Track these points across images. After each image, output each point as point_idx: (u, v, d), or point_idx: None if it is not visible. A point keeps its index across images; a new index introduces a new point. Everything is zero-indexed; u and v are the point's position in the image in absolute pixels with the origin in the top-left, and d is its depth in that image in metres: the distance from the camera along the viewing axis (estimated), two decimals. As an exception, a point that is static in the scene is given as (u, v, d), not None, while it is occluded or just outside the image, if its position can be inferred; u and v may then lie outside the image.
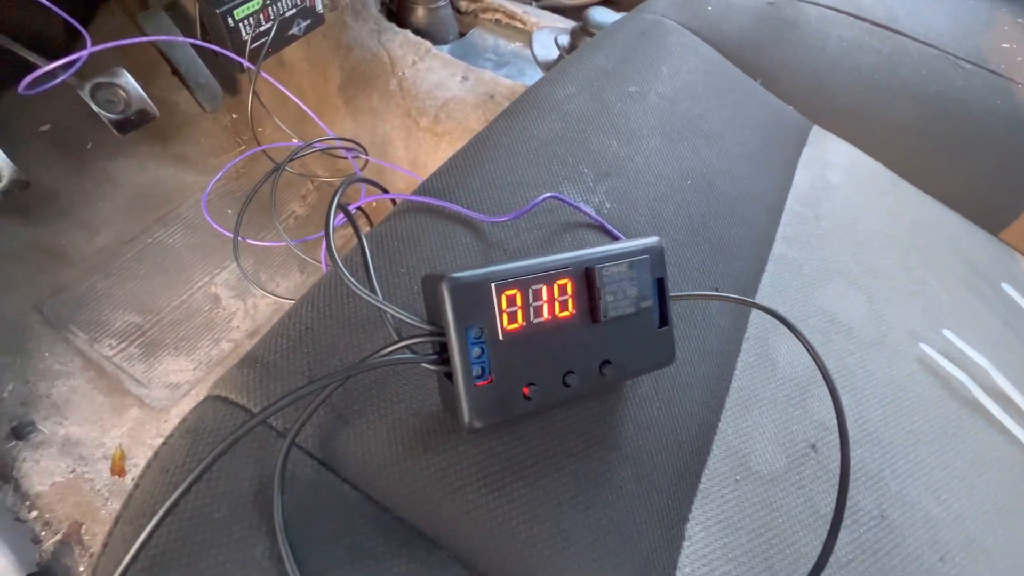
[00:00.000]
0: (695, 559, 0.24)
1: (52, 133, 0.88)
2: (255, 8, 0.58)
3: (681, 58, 0.45)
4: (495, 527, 0.22)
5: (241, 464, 0.20)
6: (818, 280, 0.37)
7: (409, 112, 0.91)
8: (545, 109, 0.37)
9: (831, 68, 0.50)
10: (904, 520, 0.28)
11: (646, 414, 0.26)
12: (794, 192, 0.42)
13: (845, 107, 0.48)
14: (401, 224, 0.29)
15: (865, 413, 0.31)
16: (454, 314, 0.19)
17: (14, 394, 0.73)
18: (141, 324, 0.83)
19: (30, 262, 0.80)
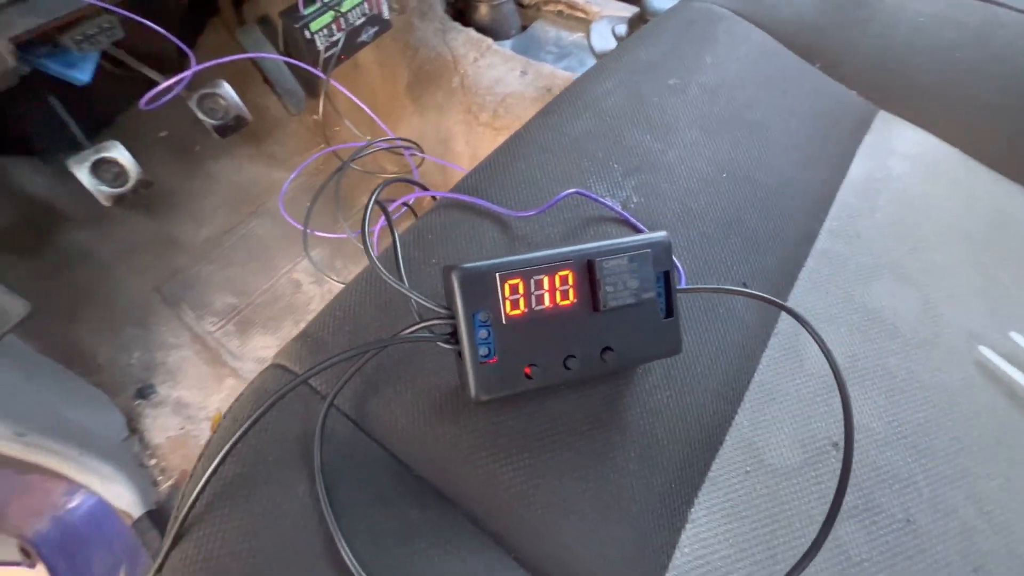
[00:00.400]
0: (695, 541, 0.25)
1: (169, 139, 1.02)
2: (328, 21, 0.64)
3: (729, 47, 0.44)
4: (501, 491, 0.24)
5: (292, 419, 0.24)
6: (864, 276, 0.35)
7: (470, 108, 0.95)
8: (580, 106, 0.39)
9: (904, 47, 0.46)
10: (934, 527, 0.27)
11: (655, 400, 0.28)
12: (848, 183, 0.40)
13: (918, 89, 0.45)
14: (437, 219, 0.32)
15: (902, 416, 0.30)
16: (463, 300, 0.22)
17: (140, 361, 0.87)
18: (236, 305, 0.94)
19: (152, 250, 0.94)
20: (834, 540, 0.26)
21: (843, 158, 0.41)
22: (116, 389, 0.84)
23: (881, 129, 0.44)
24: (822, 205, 0.38)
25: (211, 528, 0.21)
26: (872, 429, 0.29)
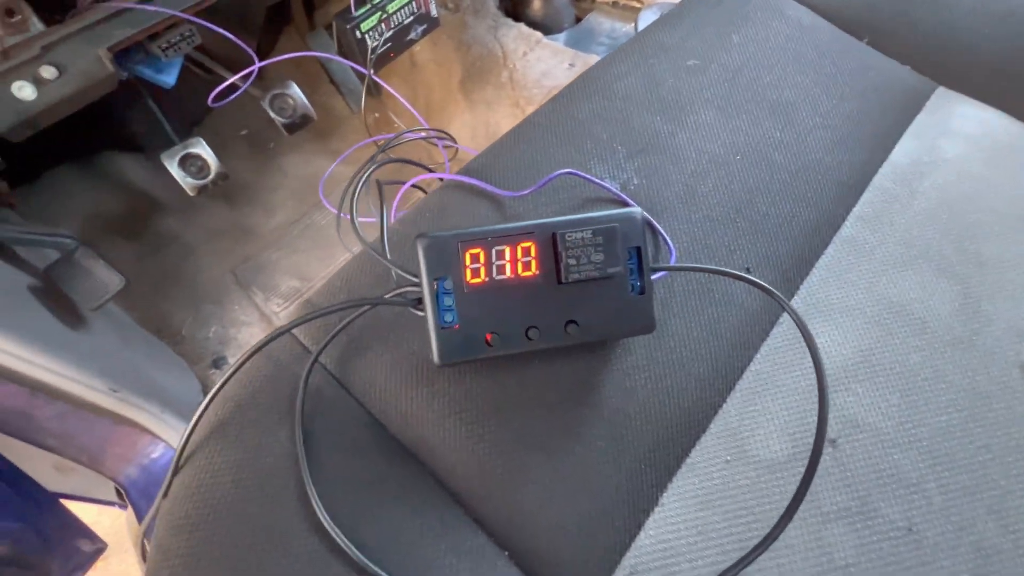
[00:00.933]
0: (662, 525, 0.25)
1: (248, 137, 1.13)
2: (376, 20, 0.68)
3: (760, 25, 0.42)
4: (466, 455, 0.25)
5: (282, 371, 0.27)
6: (892, 266, 0.32)
7: (517, 102, 0.96)
8: (592, 90, 0.39)
9: (969, 16, 0.41)
10: (943, 540, 0.24)
11: (632, 380, 0.27)
12: (888, 166, 0.36)
13: (984, 63, 0.40)
14: (436, 199, 0.34)
15: (919, 417, 0.27)
16: (426, 266, 0.23)
17: (215, 335, 0.97)
18: (299, 288, 1.03)
19: (229, 236, 1.05)
20: (817, 540, 0.24)
21: (886, 139, 0.38)
22: (194, 358, 0.94)
23: (938, 107, 0.39)
24: (852, 190, 0.35)
25: (205, 460, 0.24)
26: (879, 429, 0.27)
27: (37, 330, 0.61)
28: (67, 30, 0.54)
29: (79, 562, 0.77)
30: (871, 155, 0.37)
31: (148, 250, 1.01)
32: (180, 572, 0.21)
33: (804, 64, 0.39)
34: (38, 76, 0.54)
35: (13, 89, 0.53)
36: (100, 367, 0.66)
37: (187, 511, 0.23)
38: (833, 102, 0.38)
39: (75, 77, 0.56)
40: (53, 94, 0.55)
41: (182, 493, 0.23)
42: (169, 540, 0.22)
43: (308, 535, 0.22)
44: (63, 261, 0.68)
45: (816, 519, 0.25)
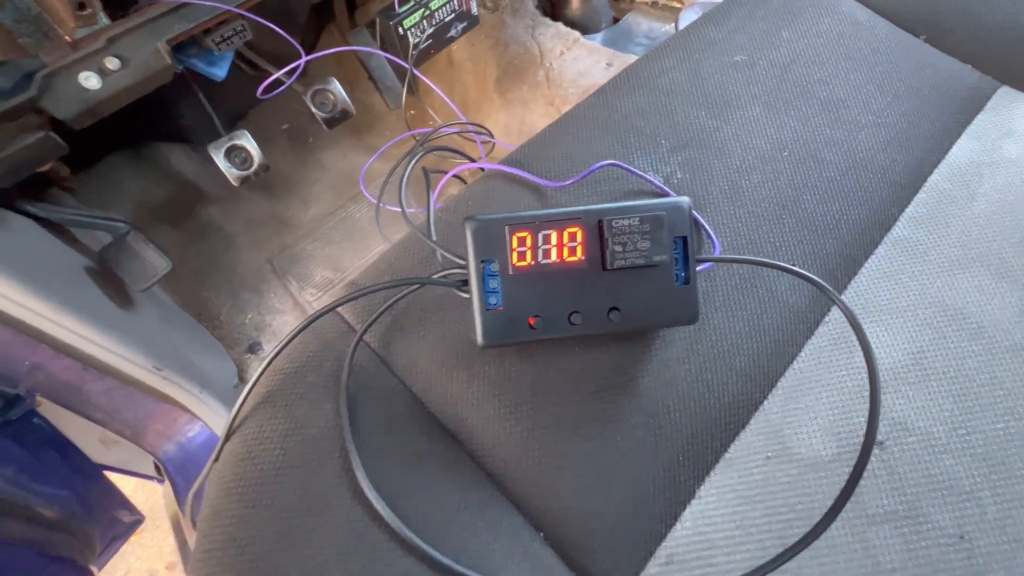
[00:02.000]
0: (700, 517, 0.25)
1: (289, 131, 1.17)
2: (419, 18, 0.69)
3: (811, 20, 0.41)
4: (504, 437, 0.26)
5: (328, 349, 0.28)
6: (947, 268, 0.31)
7: (552, 101, 0.97)
8: (636, 84, 0.38)
9: (1040, 12, 0.39)
10: (996, 551, 0.23)
11: (672, 372, 0.27)
12: (945, 166, 0.35)
13: (1054, 61, 0.38)
14: (479, 188, 0.34)
15: (973, 424, 0.26)
16: (474, 249, 0.23)
17: (252, 321, 1.01)
18: (332, 279, 1.05)
19: (268, 226, 1.08)
20: (862, 542, 0.24)
21: (943, 139, 0.36)
22: (231, 343, 0.98)
23: (1001, 107, 0.38)
24: (906, 190, 0.34)
25: (255, 428, 0.25)
26: (930, 433, 0.26)
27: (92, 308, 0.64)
28: (131, 23, 0.57)
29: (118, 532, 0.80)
30: (927, 155, 0.35)
31: (191, 238, 1.05)
32: (231, 531, 0.22)
33: (858, 61, 0.38)
34: (103, 67, 0.57)
35: (80, 79, 0.56)
36: (146, 346, 0.69)
37: (238, 474, 0.23)
38: (887, 100, 0.37)
39: (136, 68, 0.59)
40: (116, 84, 0.58)
41: (233, 458, 0.24)
42: (221, 501, 0.23)
43: (351, 503, 0.23)
44: (116, 244, 0.71)
45: (861, 520, 0.24)
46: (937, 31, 0.41)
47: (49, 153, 0.56)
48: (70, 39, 0.54)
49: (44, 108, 0.55)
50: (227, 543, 0.22)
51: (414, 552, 0.22)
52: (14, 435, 0.67)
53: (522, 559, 0.23)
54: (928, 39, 0.41)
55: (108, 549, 0.79)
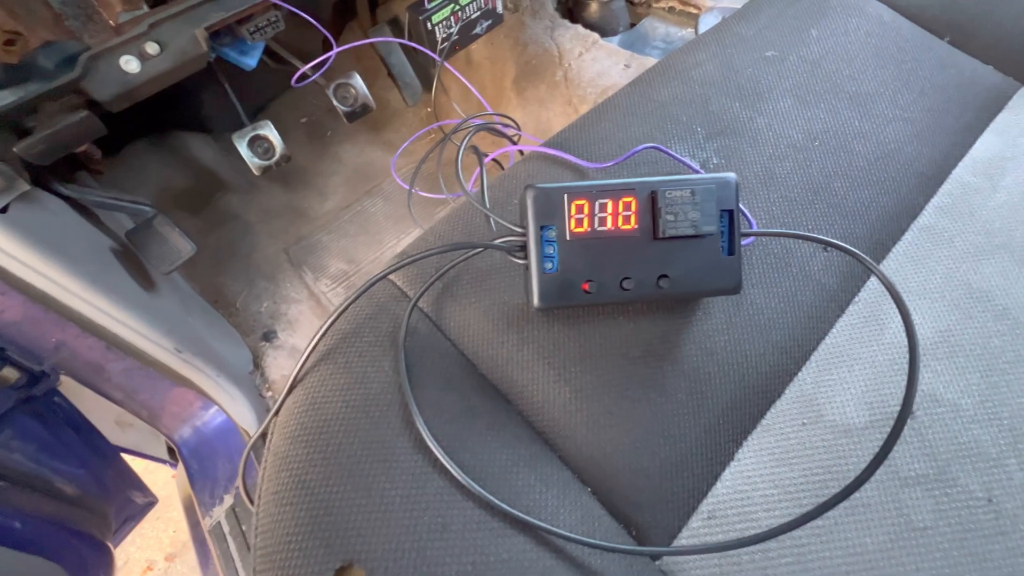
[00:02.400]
0: (738, 477, 0.26)
1: (308, 124, 1.19)
2: (447, 13, 0.71)
3: (840, 20, 0.42)
4: (553, 396, 0.27)
5: (385, 313, 0.29)
6: (972, 254, 0.32)
7: (570, 100, 0.98)
8: (670, 75, 0.40)
9: (1059, 17, 0.41)
10: (1022, 513, 0.25)
11: (712, 342, 0.28)
12: (969, 159, 0.37)
13: (1073, 63, 0.40)
14: (522, 169, 0.36)
15: (999, 397, 0.27)
16: (533, 214, 0.25)
17: (267, 309, 1.02)
18: (347, 271, 1.06)
19: (285, 217, 1.10)
20: (895, 502, 0.25)
21: (967, 134, 0.38)
22: (247, 330, 0.99)
23: (1021, 106, 0.39)
24: (932, 181, 0.36)
25: (317, 381, 0.26)
26: (959, 405, 0.27)
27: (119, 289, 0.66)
28: (172, 10, 0.58)
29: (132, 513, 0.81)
30: (951, 148, 0.37)
31: (209, 225, 1.07)
32: (299, 474, 0.23)
33: (884, 59, 0.40)
34: (143, 51, 0.59)
35: (121, 62, 0.58)
36: (167, 328, 0.71)
37: (303, 423, 0.25)
38: (913, 96, 0.39)
39: (174, 54, 0.61)
40: (154, 69, 0.60)
41: (297, 409, 0.26)
42: (286, 448, 0.24)
43: (413, 452, 0.24)
44: (142, 227, 0.73)
45: (894, 483, 0.25)
46: (960, 33, 0.42)
47: (89, 133, 0.58)
48: (114, 23, 0.56)
49: (85, 89, 0.57)
50: (296, 485, 0.23)
51: (473, 498, 0.23)
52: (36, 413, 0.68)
53: (573, 508, 0.24)
54: (952, 40, 0.42)
55: (122, 529, 0.80)
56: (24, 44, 0.52)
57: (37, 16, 0.52)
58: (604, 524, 0.24)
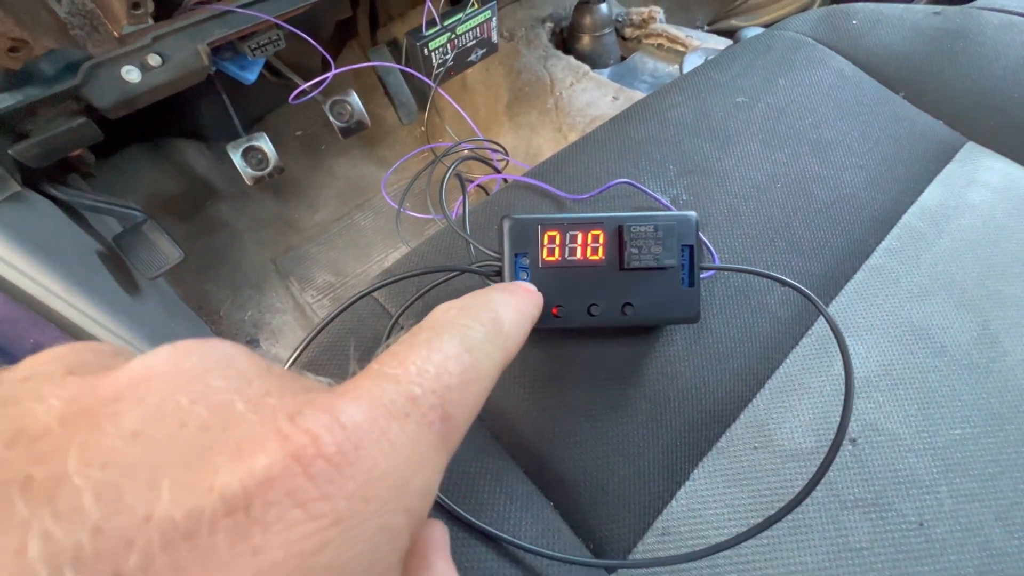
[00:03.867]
0: (693, 496, 0.27)
1: (303, 137, 1.21)
2: (444, 41, 0.74)
3: (805, 71, 0.46)
4: (520, 413, 0.28)
5: (366, 329, 0.30)
6: (916, 295, 0.35)
7: (560, 127, 1.02)
8: (647, 115, 0.43)
9: (1002, 79, 0.45)
10: (951, 538, 0.26)
11: (673, 367, 0.30)
12: (917, 207, 0.40)
13: (1015, 122, 0.43)
14: (504, 197, 0.38)
15: (934, 428, 0.30)
16: (509, 242, 0.27)
17: (251, 318, 1.02)
18: (333, 283, 1.07)
19: (275, 227, 1.11)
20: (834, 524, 0.27)
21: (917, 183, 0.41)
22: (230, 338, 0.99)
23: (967, 159, 0.43)
24: (883, 225, 0.38)
25: (295, 392, 0.27)
26: (897, 434, 0.29)
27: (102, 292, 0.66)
28: (176, 25, 0.60)
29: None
30: (902, 196, 0.40)
31: (198, 232, 1.07)
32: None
33: (844, 110, 0.43)
34: (144, 62, 0.60)
35: (122, 72, 0.59)
36: (149, 333, 0.71)
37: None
38: (869, 145, 0.42)
39: (175, 66, 0.62)
40: (154, 79, 0.61)
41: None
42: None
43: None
44: (131, 231, 0.73)
45: (835, 505, 0.27)
46: (914, 90, 0.46)
47: (85, 139, 0.59)
48: (118, 34, 0.58)
49: (85, 96, 0.58)
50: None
51: (438, 508, 0.24)
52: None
53: (534, 522, 0.25)
54: (906, 96, 0.46)
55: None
56: (28, 51, 0.54)
57: (43, 24, 0.54)
58: (564, 537, 0.26)
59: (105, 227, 0.81)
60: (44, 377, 0.10)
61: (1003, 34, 0.47)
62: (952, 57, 0.46)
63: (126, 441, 0.09)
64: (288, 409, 0.10)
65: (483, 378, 0.14)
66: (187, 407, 0.10)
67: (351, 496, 0.09)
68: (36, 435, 0.09)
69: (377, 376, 0.12)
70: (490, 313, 0.16)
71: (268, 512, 0.09)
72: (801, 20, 0.51)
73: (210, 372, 0.10)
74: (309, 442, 0.09)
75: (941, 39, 0.48)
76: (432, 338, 0.13)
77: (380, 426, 0.11)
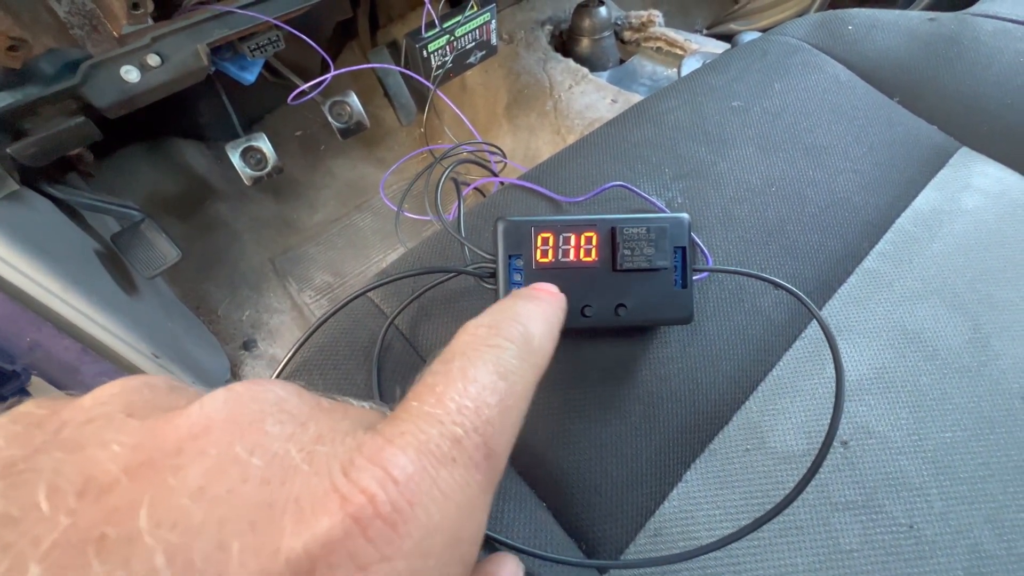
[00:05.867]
0: (685, 497, 0.28)
1: (302, 137, 1.21)
2: (443, 43, 0.74)
3: (800, 76, 0.46)
4: (515, 415, 0.28)
5: (362, 329, 0.31)
6: (908, 298, 0.35)
7: (559, 130, 1.02)
8: (644, 119, 0.43)
9: (995, 85, 0.45)
10: (941, 539, 0.27)
11: (666, 369, 0.30)
12: (911, 211, 0.40)
13: (1008, 129, 0.43)
14: (500, 199, 0.38)
15: (925, 431, 0.30)
16: (503, 244, 0.27)
17: (248, 319, 1.02)
18: (331, 283, 1.07)
19: (274, 227, 1.11)
20: (825, 525, 0.27)
21: (910, 188, 0.41)
22: (227, 338, 0.99)
23: (960, 164, 0.43)
24: (876, 229, 0.39)
25: (290, 392, 0.27)
26: (888, 437, 0.29)
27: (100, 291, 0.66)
28: (176, 25, 0.60)
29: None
30: (895, 200, 0.40)
31: (197, 231, 1.07)
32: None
33: (839, 114, 0.44)
34: (144, 62, 0.60)
35: (122, 72, 0.59)
36: (146, 332, 0.71)
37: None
38: (863, 150, 0.42)
39: (174, 66, 0.62)
40: (153, 79, 0.62)
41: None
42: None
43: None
44: (129, 230, 0.73)
45: (826, 507, 0.27)
46: (909, 95, 0.46)
47: (84, 138, 0.59)
48: (117, 34, 0.58)
49: (84, 95, 0.58)
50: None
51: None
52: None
53: (527, 523, 0.25)
54: (901, 101, 0.46)
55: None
56: (28, 50, 0.54)
57: (43, 24, 0.54)
58: (556, 538, 0.26)
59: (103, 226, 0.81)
60: (105, 420, 0.11)
61: (997, 40, 0.47)
62: (947, 63, 0.47)
63: (192, 498, 0.09)
64: (340, 459, 0.11)
65: (519, 403, 0.14)
66: (246, 460, 0.10)
67: (409, 555, 0.10)
68: (105, 486, 0.09)
69: (418, 417, 0.12)
70: (519, 328, 0.16)
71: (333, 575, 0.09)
72: (797, 25, 0.52)
73: (266, 418, 0.11)
74: (366, 502, 0.10)
75: (936, 45, 0.48)
76: (467, 367, 0.14)
77: (430, 476, 0.11)
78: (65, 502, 0.09)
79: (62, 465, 0.09)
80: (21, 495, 0.09)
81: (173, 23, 0.61)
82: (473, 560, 0.12)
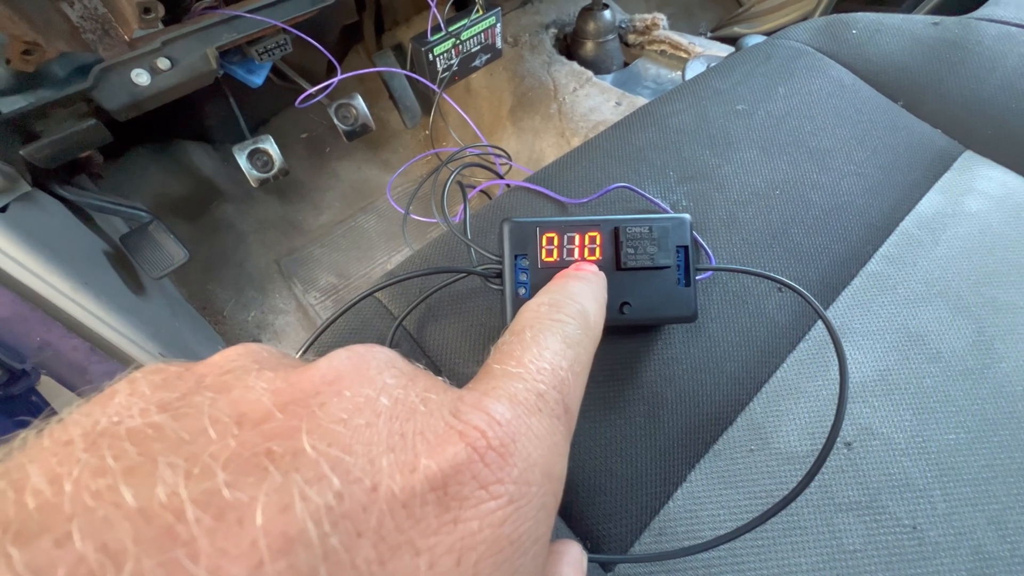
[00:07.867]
0: (689, 497, 0.28)
1: (307, 140, 1.22)
2: (449, 46, 0.75)
3: (804, 80, 0.46)
4: (520, 414, 0.29)
5: (370, 330, 0.31)
6: (912, 301, 0.35)
7: (563, 132, 1.03)
8: (648, 122, 0.43)
9: (999, 89, 0.45)
10: (943, 541, 0.27)
11: (671, 370, 0.31)
12: (915, 214, 0.40)
13: (1011, 132, 0.44)
14: (506, 201, 0.39)
15: (928, 433, 0.30)
16: (509, 244, 0.27)
17: (254, 319, 1.03)
18: (336, 285, 1.08)
19: (279, 228, 1.12)
20: (828, 526, 0.27)
21: (914, 191, 0.41)
22: (233, 339, 0.99)
23: (964, 168, 0.43)
24: (880, 232, 0.39)
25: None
26: (892, 438, 0.30)
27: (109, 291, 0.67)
28: (186, 29, 0.61)
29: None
30: (899, 203, 0.40)
31: (203, 233, 1.08)
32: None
33: (842, 118, 0.44)
34: (154, 66, 0.61)
35: (132, 75, 0.60)
36: (153, 332, 0.71)
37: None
38: (867, 154, 0.42)
39: (183, 69, 0.63)
40: (163, 83, 0.62)
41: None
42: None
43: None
44: (137, 232, 0.74)
45: (829, 507, 0.27)
46: (912, 99, 0.46)
47: (95, 140, 0.60)
48: (128, 38, 0.59)
49: (95, 98, 0.59)
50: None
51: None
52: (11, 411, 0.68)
53: (532, 520, 0.26)
54: (905, 105, 0.46)
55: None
56: (41, 54, 0.55)
57: (56, 29, 0.55)
58: (562, 536, 0.26)
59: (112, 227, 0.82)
60: (242, 371, 0.12)
61: (1001, 45, 0.47)
62: (950, 67, 0.47)
63: (339, 425, 0.11)
64: (448, 406, 0.12)
65: (585, 369, 0.16)
66: (376, 399, 0.12)
67: (517, 480, 0.12)
68: (259, 419, 0.11)
69: (504, 376, 0.14)
70: (577, 306, 0.18)
71: (461, 490, 0.11)
72: (801, 29, 0.52)
73: (383, 371, 0.13)
74: (480, 436, 0.12)
75: (940, 49, 0.48)
76: (538, 336, 0.16)
77: (524, 421, 0.13)
78: (229, 429, 0.10)
79: (216, 403, 0.11)
80: (187, 424, 0.10)
81: (183, 27, 0.62)
82: (559, 497, 0.14)
